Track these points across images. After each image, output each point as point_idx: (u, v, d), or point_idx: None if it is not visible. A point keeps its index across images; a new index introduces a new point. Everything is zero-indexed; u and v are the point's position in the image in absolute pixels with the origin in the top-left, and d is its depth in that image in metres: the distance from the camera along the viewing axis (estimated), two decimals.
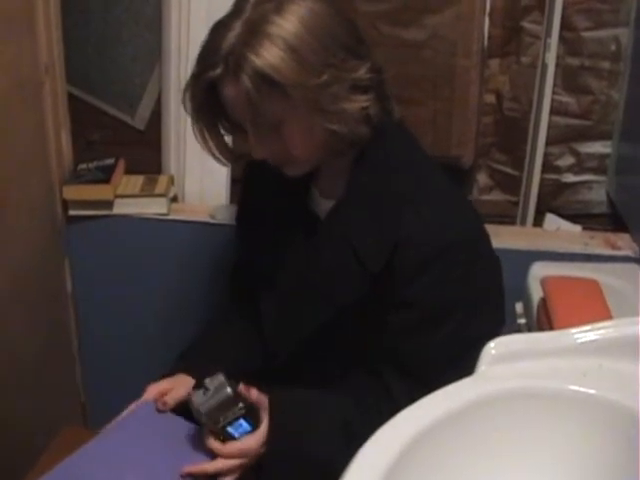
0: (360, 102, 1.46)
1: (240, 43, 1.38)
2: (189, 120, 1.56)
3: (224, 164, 1.63)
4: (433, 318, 1.50)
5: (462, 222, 1.52)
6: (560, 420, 1.11)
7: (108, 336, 2.56)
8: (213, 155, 1.58)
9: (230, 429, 1.50)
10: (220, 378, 1.48)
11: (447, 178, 1.58)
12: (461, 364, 1.39)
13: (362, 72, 1.45)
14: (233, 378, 1.51)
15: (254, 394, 1.51)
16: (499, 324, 1.57)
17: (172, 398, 1.62)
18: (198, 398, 1.47)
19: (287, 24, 1.38)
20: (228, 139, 1.63)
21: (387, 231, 1.49)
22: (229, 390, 1.47)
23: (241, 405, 1.48)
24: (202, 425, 1.53)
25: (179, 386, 1.64)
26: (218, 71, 1.41)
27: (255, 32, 1.38)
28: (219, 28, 1.44)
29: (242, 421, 1.50)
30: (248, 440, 1.50)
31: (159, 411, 1.61)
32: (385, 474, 0.98)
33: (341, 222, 1.56)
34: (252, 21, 1.40)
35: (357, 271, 1.52)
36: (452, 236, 1.48)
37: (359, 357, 1.57)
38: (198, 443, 1.55)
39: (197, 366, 1.66)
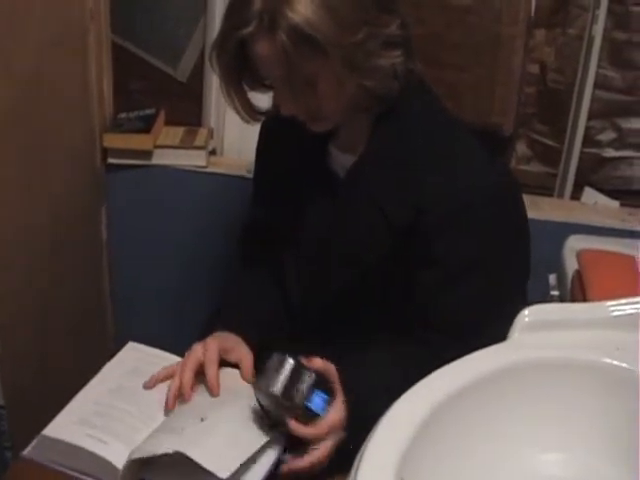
0: (392, 58, 1.45)
1: None
2: None
3: (246, 120, 1.60)
4: (462, 273, 1.49)
5: (488, 178, 1.50)
6: (590, 392, 1.11)
7: (140, 284, 2.58)
8: (236, 111, 1.55)
9: (310, 405, 1.37)
10: (275, 356, 1.36)
11: (473, 136, 1.55)
12: (494, 318, 1.39)
13: (394, 28, 1.44)
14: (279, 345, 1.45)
15: (318, 362, 1.41)
16: (526, 277, 1.57)
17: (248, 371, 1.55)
18: (264, 382, 1.35)
19: None
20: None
21: (411, 187, 1.48)
22: (292, 361, 1.35)
23: (310, 373, 1.37)
24: (276, 412, 1.39)
25: (234, 345, 1.57)
26: (251, 28, 1.37)
27: None
28: None
29: (317, 393, 1.37)
30: (332, 415, 1.39)
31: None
32: (412, 435, 0.98)
33: (364, 178, 1.55)
34: None
35: (383, 227, 1.51)
36: (478, 191, 1.46)
37: (389, 319, 1.56)
38: None
39: (238, 323, 1.62)
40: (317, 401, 1.38)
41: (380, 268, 1.55)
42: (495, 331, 1.25)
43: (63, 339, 2.26)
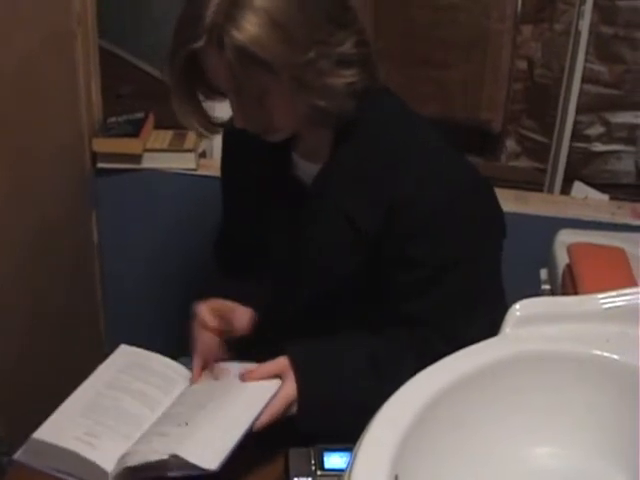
0: (346, 77, 1.42)
1: (223, 15, 1.32)
2: None
3: (202, 134, 1.59)
4: (439, 273, 1.48)
5: (457, 177, 1.50)
6: (582, 385, 1.11)
7: (132, 288, 2.58)
8: (190, 124, 1.52)
9: None
10: None
11: (441, 136, 1.54)
12: (473, 314, 1.46)
13: (348, 46, 1.41)
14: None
15: (268, 368, 1.47)
16: (498, 269, 1.57)
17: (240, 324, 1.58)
18: None
19: None
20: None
21: (380, 192, 1.47)
22: None
23: None
24: None
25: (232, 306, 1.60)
26: (200, 43, 1.35)
27: (238, 2, 1.32)
28: None
29: None
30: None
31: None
32: (405, 431, 0.98)
33: (330, 186, 1.53)
34: None
35: (352, 237, 1.51)
36: (448, 191, 1.46)
37: (364, 322, 1.55)
38: None
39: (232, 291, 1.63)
40: None
41: (352, 276, 1.54)
42: (479, 325, 1.27)
43: (55, 343, 2.25)
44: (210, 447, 1.34)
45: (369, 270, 1.53)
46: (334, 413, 1.45)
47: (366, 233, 1.49)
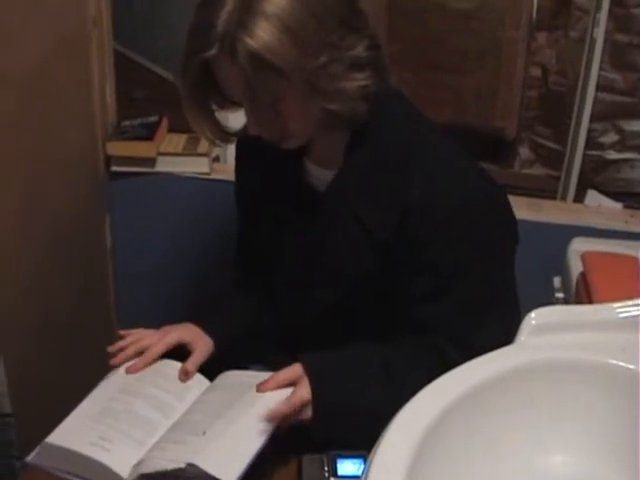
0: (358, 80, 1.42)
1: (234, 22, 1.32)
2: None
3: (215, 143, 1.59)
4: (453, 278, 1.48)
5: (470, 182, 1.50)
6: (597, 394, 1.11)
7: (145, 292, 2.58)
8: (203, 133, 1.53)
9: None
10: None
11: (453, 141, 1.55)
12: (488, 320, 1.46)
13: (360, 49, 1.41)
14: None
15: (282, 377, 1.47)
16: (512, 276, 1.57)
17: (194, 364, 1.58)
18: None
19: (282, 0, 1.33)
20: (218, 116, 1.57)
21: (393, 198, 1.48)
22: None
23: None
24: None
25: (197, 341, 1.62)
26: (213, 51, 1.35)
27: (249, 9, 1.32)
28: (211, 3, 1.36)
29: None
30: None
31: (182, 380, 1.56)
32: (421, 439, 0.98)
33: (344, 193, 1.54)
34: None
35: (366, 243, 1.51)
36: (461, 196, 1.46)
37: (383, 328, 1.55)
38: None
39: (212, 321, 1.66)
40: None
41: (366, 282, 1.54)
42: (492, 332, 1.27)
43: (68, 346, 2.26)
44: (228, 458, 1.33)
45: (383, 275, 1.53)
46: (348, 419, 1.45)
47: (380, 238, 1.50)
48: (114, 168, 2.42)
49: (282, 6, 1.33)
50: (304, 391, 1.43)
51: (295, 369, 1.46)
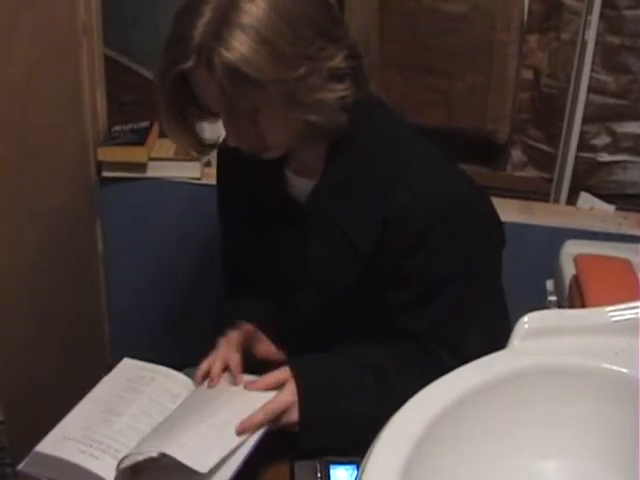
0: (338, 91, 1.40)
1: (211, 34, 1.30)
2: None
3: (193, 156, 1.58)
4: (437, 287, 1.47)
5: (452, 189, 1.48)
6: (590, 398, 1.10)
7: (137, 297, 2.58)
8: (181, 145, 1.52)
9: None
10: None
11: (435, 149, 1.53)
12: (475, 326, 1.46)
13: (339, 59, 1.40)
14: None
15: (274, 376, 1.48)
16: (499, 279, 1.56)
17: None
18: None
19: (259, 11, 1.31)
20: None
21: (374, 208, 1.47)
22: None
23: None
24: None
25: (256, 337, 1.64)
26: (190, 63, 1.33)
27: (226, 21, 1.31)
28: (188, 14, 1.35)
29: None
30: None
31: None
32: (414, 445, 0.98)
33: (325, 202, 1.53)
34: (222, 6, 1.31)
35: (349, 252, 1.50)
36: (441, 204, 1.45)
37: (372, 336, 1.53)
38: None
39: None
40: None
41: (350, 291, 1.54)
42: (481, 336, 1.27)
43: (60, 353, 2.25)
44: (203, 449, 1.33)
45: (368, 284, 1.52)
46: (335, 423, 1.44)
47: (362, 248, 1.49)
48: (105, 174, 2.42)
49: (259, 17, 1.31)
50: (288, 393, 1.43)
51: (282, 372, 1.46)
